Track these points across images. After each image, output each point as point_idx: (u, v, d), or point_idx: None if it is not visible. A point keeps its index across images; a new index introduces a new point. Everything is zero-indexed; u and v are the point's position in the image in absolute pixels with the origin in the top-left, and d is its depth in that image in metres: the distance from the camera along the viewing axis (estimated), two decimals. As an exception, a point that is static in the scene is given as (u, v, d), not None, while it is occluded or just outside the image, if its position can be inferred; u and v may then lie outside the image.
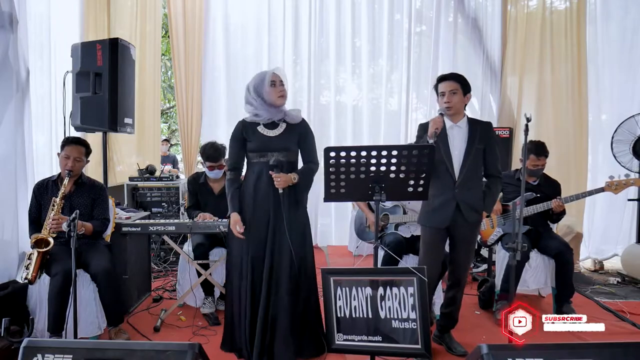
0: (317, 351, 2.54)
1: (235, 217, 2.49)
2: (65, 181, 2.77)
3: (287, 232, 2.43)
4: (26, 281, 2.61)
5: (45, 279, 2.67)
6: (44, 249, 2.62)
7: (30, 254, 2.64)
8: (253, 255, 2.48)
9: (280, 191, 2.41)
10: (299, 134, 2.56)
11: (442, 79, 2.51)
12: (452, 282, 2.65)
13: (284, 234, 2.44)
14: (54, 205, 2.72)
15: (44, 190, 2.87)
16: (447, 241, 2.63)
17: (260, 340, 2.41)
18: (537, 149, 3.18)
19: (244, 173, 2.64)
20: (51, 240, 2.63)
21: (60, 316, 2.55)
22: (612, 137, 4.15)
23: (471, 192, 2.50)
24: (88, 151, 2.92)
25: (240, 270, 2.53)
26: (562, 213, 3.24)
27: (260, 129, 2.51)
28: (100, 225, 2.90)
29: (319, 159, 2.56)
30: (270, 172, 2.42)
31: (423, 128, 2.51)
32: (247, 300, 2.48)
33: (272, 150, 2.48)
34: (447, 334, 2.73)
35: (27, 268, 2.62)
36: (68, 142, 2.87)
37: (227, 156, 2.82)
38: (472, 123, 2.53)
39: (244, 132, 2.52)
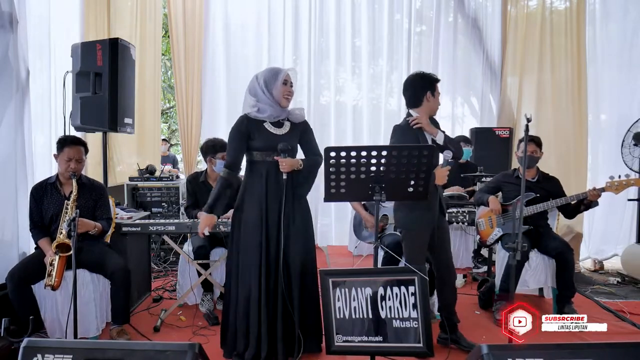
0: (312, 349, 2.55)
1: (210, 219, 2.45)
2: (74, 183, 2.74)
3: (299, 225, 2.45)
4: (49, 288, 2.54)
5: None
6: (67, 254, 2.55)
7: (52, 261, 2.58)
8: (271, 253, 2.45)
9: (285, 176, 2.39)
10: (300, 132, 2.55)
11: (438, 80, 2.59)
12: (445, 284, 2.65)
13: (294, 229, 2.45)
14: (67, 209, 2.69)
15: (42, 194, 2.81)
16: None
17: (281, 337, 2.40)
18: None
19: (242, 174, 2.62)
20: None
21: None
22: (622, 144, 4.12)
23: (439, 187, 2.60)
24: (86, 150, 2.88)
25: (251, 269, 2.44)
26: (595, 203, 3.16)
27: (267, 126, 2.47)
28: (107, 225, 2.91)
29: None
30: (276, 157, 2.40)
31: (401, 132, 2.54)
32: (263, 298, 2.43)
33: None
34: (455, 332, 2.70)
35: (49, 275, 2.55)
36: (67, 142, 2.78)
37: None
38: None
39: (248, 127, 2.45)
